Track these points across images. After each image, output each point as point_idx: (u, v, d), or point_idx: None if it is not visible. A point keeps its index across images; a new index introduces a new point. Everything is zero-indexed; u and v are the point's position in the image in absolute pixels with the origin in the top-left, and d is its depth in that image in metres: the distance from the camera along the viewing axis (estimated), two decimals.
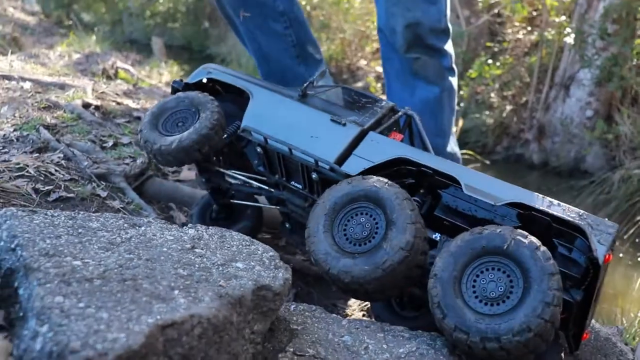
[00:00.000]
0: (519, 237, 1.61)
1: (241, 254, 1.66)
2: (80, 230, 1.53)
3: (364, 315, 2.59)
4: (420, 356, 1.66)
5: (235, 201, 2.55)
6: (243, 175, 2.42)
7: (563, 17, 6.65)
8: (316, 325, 1.76)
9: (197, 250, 1.60)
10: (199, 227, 1.76)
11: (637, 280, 4.58)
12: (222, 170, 2.46)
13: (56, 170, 2.67)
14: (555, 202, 1.81)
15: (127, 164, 2.89)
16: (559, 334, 1.87)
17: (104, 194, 2.63)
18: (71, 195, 2.55)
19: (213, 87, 2.50)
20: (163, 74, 6.87)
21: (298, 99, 2.23)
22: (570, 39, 6.30)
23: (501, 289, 1.60)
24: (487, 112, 7.77)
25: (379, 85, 8.52)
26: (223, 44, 10.98)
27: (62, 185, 2.58)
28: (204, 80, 2.45)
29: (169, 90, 5.36)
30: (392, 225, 1.74)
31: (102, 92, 3.87)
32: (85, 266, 1.34)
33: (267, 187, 2.38)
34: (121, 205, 2.61)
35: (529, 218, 1.82)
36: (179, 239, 1.64)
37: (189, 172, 3.22)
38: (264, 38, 2.95)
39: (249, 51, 3.14)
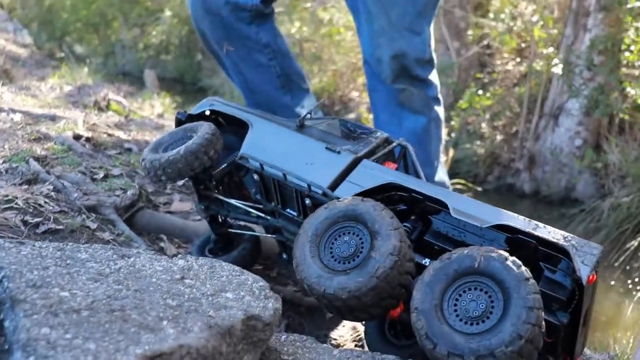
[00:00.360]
0: (487, 253, 1.63)
1: (231, 284, 1.65)
2: (68, 262, 1.52)
3: (355, 346, 2.57)
4: None
5: (233, 230, 2.55)
6: (241, 203, 2.44)
7: (551, 49, 6.75)
8: (307, 355, 1.75)
9: (186, 280, 1.60)
10: (189, 257, 1.75)
11: (628, 307, 4.58)
12: (220, 197, 2.47)
13: (45, 202, 2.65)
14: (542, 225, 1.82)
15: (118, 195, 2.88)
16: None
17: (93, 225, 2.61)
18: (60, 227, 2.53)
19: (216, 119, 2.54)
20: (155, 106, 6.90)
21: (295, 129, 2.27)
22: (558, 70, 6.40)
23: (482, 306, 1.60)
24: (478, 142, 7.84)
25: (371, 116, 8.58)
26: (216, 76, 11.06)
27: (52, 217, 2.56)
28: (207, 112, 2.49)
29: (161, 122, 5.39)
30: (376, 236, 1.74)
31: (93, 124, 3.87)
32: (73, 297, 1.33)
33: (264, 215, 2.39)
34: (111, 237, 2.59)
35: (516, 242, 1.83)
36: (168, 269, 1.63)
37: (180, 204, 3.21)
38: (249, 70, 2.99)
39: (235, 84, 3.18)
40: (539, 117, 7.29)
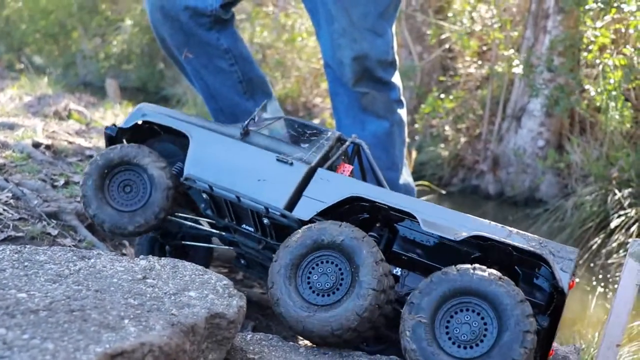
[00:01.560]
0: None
1: (194, 283, 1.63)
2: (26, 264, 1.48)
3: None
4: None
5: (187, 242, 2.46)
6: (191, 220, 2.34)
7: (512, 51, 6.86)
8: (273, 354, 1.73)
9: (148, 280, 1.57)
10: (151, 258, 1.73)
11: (593, 304, 4.66)
12: (169, 217, 2.31)
13: (4, 210, 2.59)
14: (514, 230, 1.82)
15: (79, 201, 2.82)
16: None
17: (54, 232, 2.56)
18: (20, 234, 2.48)
19: (150, 129, 2.36)
20: (118, 115, 6.80)
21: (240, 138, 2.14)
22: (519, 70, 6.50)
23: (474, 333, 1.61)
24: (442, 145, 7.91)
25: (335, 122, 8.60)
26: (178, 85, 10.98)
27: (11, 225, 2.50)
28: (139, 123, 2.29)
29: None
30: (358, 269, 1.70)
31: (53, 132, 3.80)
32: (31, 298, 1.29)
33: (217, 231, 2.30)
34: (73, 243, 2.54)
35: (489, 247, 1.83)
36: (129, 269, 1.60)
37: None
38: (211, 76, 2.94)
39: (196, 90, 3.13)
40: (502, 119, 7.39)
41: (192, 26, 2.75)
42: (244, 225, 2.17)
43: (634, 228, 5.63)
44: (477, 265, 1.66)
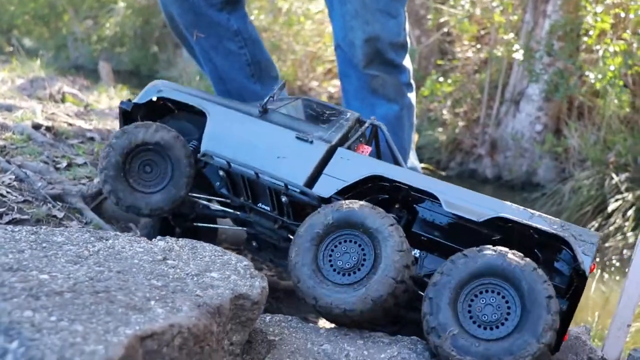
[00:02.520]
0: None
1: (215, 264, 1.59)
2: (44, 245, 1.44)
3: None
4: None
5: (199, 224, 2.43)
6: (205, 199, 2.31)
7: (511, 35, 6.82)
8: (294, 335, 1.71)
9: (169, 261, 1.53)
10: (169, 239, 1.69)
11: (592, 287, 4.68)
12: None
13: (8, 192, 2.54)
14: (537, 213, 1.79)
15: (84, 184, 2.77)
16: None
17: (60, 214, 2.51)
18: (25, 217, 2.43)
19: (164, 105, 2.35)
20: (113, 99, 6.71)
21: (259, 116, 2.11)
22: (519, 55, 6.46)
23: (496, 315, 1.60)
24: (440, 129, 7.88)
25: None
26: (173, 67, 10.87)
27: (15, 207, 2.45)
28: (154, 99, 2.27)
29: None
30: (381, 255, 1.69)
31: (52, 114, 3.73)
32: (54, 279, 1.25)
33: (231, 210, 2.26)
34: (79, 226, 2.49)
35: (510, 229, 1.81)
36: (149, 250, 1.56)
37: None
38: (219, 58, 2.89)
39: (204, 71, 3.08)
40: (500, 103, 7.36)
41: (202, 6, 2.70)
42: (260, 204, 2.13)
43: (630, 212, 5.65)
44: (501, 248, 1.65)
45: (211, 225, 2.44)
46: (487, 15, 6.71)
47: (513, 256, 1.61)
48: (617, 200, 5.77)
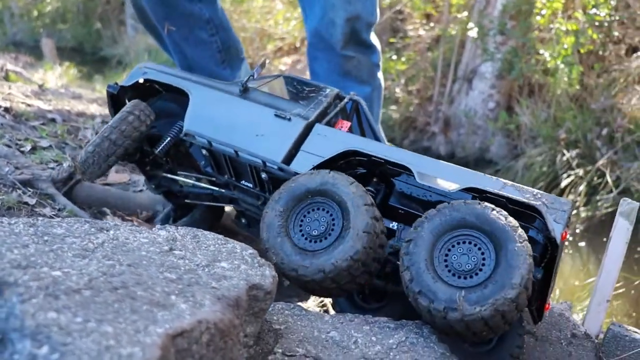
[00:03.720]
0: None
1: (221, 253, 1.54)
2: (46, 238, 1.35)
3: (320, 311, 2.51)
4: (412, 345, 1.61)
5: (189, 201, 2.42)
6: (191, 177, 2.30)
7: (465, 13, 6.88)
8: (299, 323, 1.68)
9: (175, 252, 1.47)
10: (169, 227, 1.63)
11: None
12: (168, 175, 2.33)
13: None
14: (509, 183, 1.83)
15: (53, 168, 2.65)
16: (522, 315, 1.90)
17: (32, 201, 2.39)
18: None
19: (151, 87, 2.35)
20: (62, 77, 6.45)
21: (239, 95, 2.12)
22: (473, 34, 6.53)
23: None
24: (393, 107, 7.91)
25: None
26: (118, 45, 10.52)
27: None
28: (141, 81, 2.31)
29: (78, 91, 5.03)
30: (348, 213, 1.70)
31: (9, 94, 3.55)
32: (67, 276, 1.18)
33: (217, 188, 2.27)
34: (53, 213, 2.39)
35: (483, 199, 1.82)
36: (153, 241, 1.50)
37: (117, 175, 3.01)
38: (190, 48, 2.85)
39: (174, 61, 3.02)
40: (453, 81, 7.44)
41: None
42: (243, 182, 2.15)
43: (582, 187, 5.83)
44: (470, 200, 1.68)
45: (200, 202, 2.43)
46: None
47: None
48: (569, 176, 5.94)
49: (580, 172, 5.91)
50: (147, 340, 1.02)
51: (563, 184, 5.91)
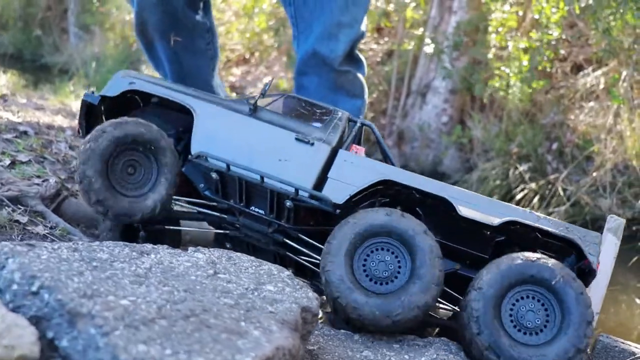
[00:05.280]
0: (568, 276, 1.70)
1: (261, 275, 1.52)
2: (94, 264, 1.30)
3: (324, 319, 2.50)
4: None
5: (170, 227, 2.27)
6: (189, 204, 2.15)
7: (421, 29, 7.03)
8: (331, 343, 1.67)
9: (220, 275, 1.45)
10: (203, 249, 1.59)
11: None
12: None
13: None
14: (542, 215, 1.87)
15: (38, 184, 2.54)
16: None
17: (23, 219, 2.28)
18: None
19: (129, 97, 2.17)
20: (5, 85, 6.19)
21: (249, 114, 2.01)
22: (430, 50, 6.68)
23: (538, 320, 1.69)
24: None
25: (234, 95, 8.40)
26: (59, 53, 10.19)
27: None
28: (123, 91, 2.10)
29: (40, 102, 4.83)
30: (418, 262, 1.71)
31: None
32: (136, 305, 1.14)
33: (212, 212, 2.13)
34: (46, 231, 2.28)
35: (513, 231, 1.87)
36: (195, 264, 1.46)
37: None
38: (188, 57, 2.80)
39: (162, 72, 2.93)
40: (407, 95, 7.57)
41: (186, 11, 2.61)
42: (253, 207, 2.03)
43: (535, 200, 6.03)
44: (542, 256, 1.72)
45: (181, 228, 2.31)
46: (401, 11, 6.86)
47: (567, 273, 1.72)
48: (522, 189, 6.14)
49: (533, 185, 6.12)
50: None
51: (518, 197, 6.10)
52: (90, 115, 2.17)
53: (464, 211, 1.83)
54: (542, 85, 6.17)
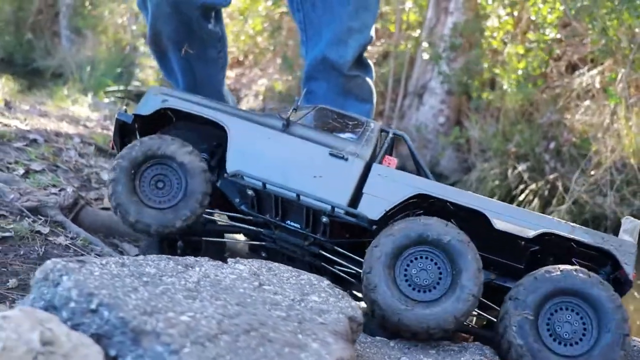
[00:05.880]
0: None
1: (303, 286, 1.53)
2: (145, 279, 1.30)
3: None
4: None
5: (209, 239, 2.28)
6: (222, 215, 2.18)
7: (418, 31, 7.06)
8: (368, 350, 1.68)
9: (265, 287, 1.45)
10: (243, 261, 1.59)
11: None
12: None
13: None
14: (577, 226, 1.88)
15: (56, 194, 2.53)
16: None
17: (45, 230, 2.28)
18: (8, 234, 2.18)
19: (164, 114, 2.16)
20: (2, 91, 6.13)
21: (282, 130, 2.01)
22: (427, 55, 6.71)
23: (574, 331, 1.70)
24: None
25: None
26: (51, 57, 10.11)
27: None
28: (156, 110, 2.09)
29: (44, 109, 4.79)
30: (460, 272, 1.73)
31: None
32: (196, 321, 1.14)
33: (248, 226, 2.14)
34: (67, 242, 2.28)
35: (548, 241, 1.89)
36: (240, 276, 1.47)
37: None
38: (200, 66, 2.77)
39: (173, 81, 2.91)
40: (404, 96, 7.60)
41: (201, 21, 2.58)
42: (288, 222, 2.04)
43: (535, 201, 6.08)
44: (579, 268, 1.73)
45: (219, 239, 2.31)
46: (402, 13, 6.89)
47: (592, 278, 1.73)
48: (523, 190, 6.17)
49: (533, 185, 6.16)
50: None
51: (520, 197, 6.12)
52: (126, 131, 2.17)
53: (499, 224, 1.84)
54: (539, 85, 6.22)
